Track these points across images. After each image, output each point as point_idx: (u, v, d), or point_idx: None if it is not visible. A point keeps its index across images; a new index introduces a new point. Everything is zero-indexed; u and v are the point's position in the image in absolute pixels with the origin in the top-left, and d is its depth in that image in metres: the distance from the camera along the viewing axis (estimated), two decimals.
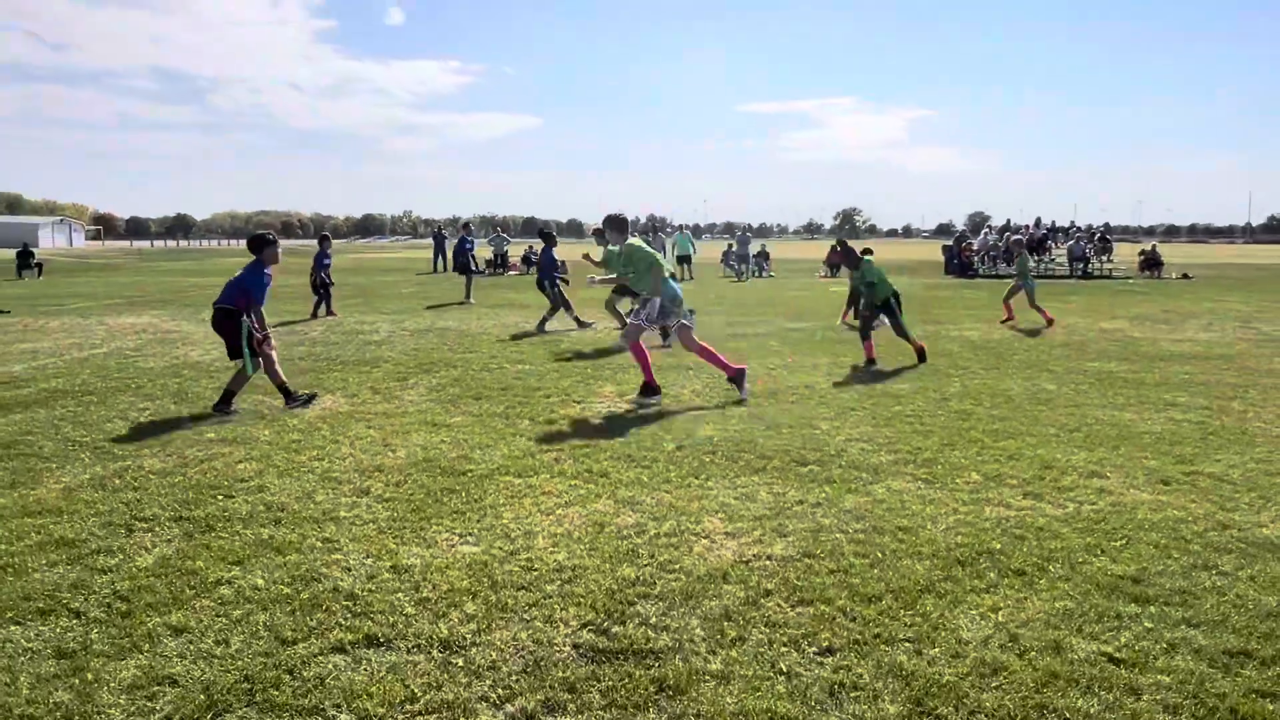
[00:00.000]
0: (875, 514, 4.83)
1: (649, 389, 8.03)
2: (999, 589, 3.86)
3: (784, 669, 3.18)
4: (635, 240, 8.27)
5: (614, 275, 9.43)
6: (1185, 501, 5.06)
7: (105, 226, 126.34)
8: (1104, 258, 33.18)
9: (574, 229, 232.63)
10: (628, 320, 9.30)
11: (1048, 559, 4.19)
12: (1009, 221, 35.82)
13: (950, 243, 35.84)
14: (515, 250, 38.35)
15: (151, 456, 6.01)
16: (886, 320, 10.57)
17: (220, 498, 5.11)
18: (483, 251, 36.37)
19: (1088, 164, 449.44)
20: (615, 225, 8.62)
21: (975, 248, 33.37)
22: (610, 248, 10.87)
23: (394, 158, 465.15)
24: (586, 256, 12.79)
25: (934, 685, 3.05)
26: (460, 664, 3.22)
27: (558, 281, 14.08)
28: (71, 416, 7.25)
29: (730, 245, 34.44)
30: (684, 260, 29.54)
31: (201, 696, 2.97)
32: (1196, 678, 3.10)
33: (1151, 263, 32.31)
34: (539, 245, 16.78)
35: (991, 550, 4.29)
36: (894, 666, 3.18)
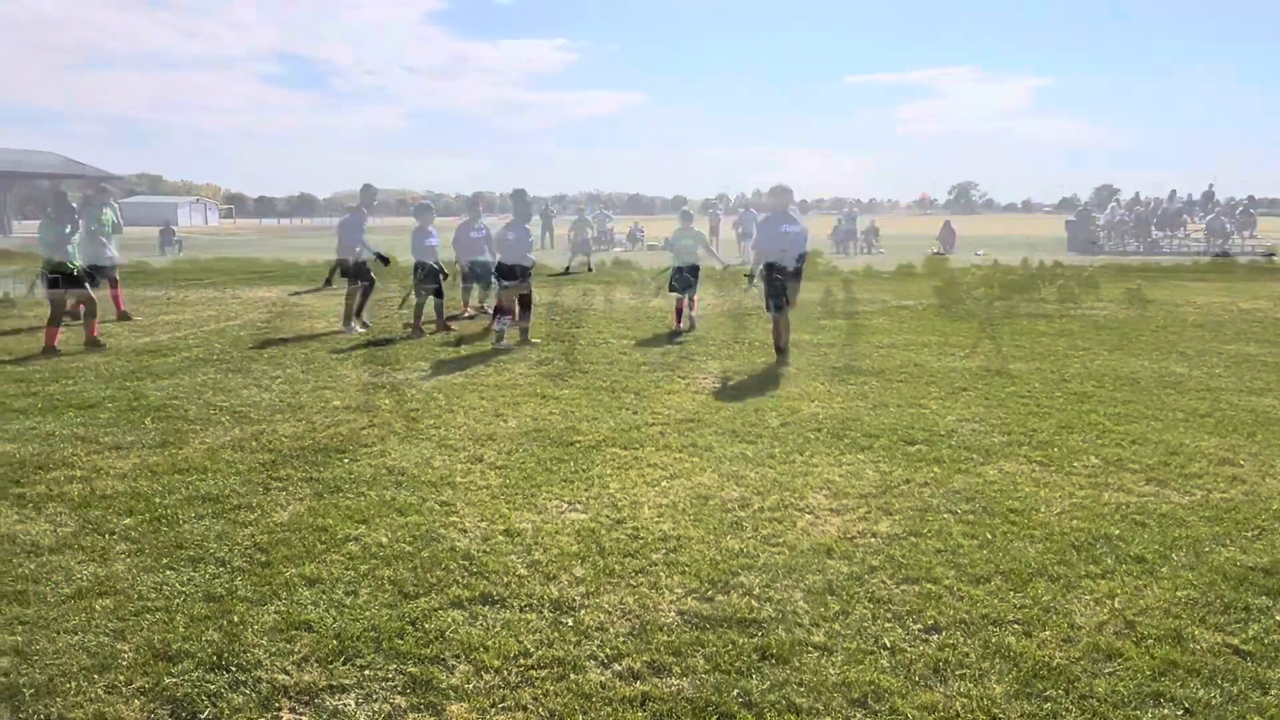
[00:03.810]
0: (985, 495, 4.73)
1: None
2: (1116, 575, 3.74)
3: (888, 644, 3.18)
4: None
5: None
6: None
7: (236, 205, 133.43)
8: (1246, 233, 30.92)
9: (681, 205, 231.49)
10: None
11: (1171, 547, 4.03)
12: (1137, 195, 33.77)
13: (1074, 217, 34.05)
14: (621, 227, 38.78)
15: (284, 421, 6.42)
16: None
17: (346, 461, 5.42)
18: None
19: (1226, 131, 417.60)
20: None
21: (1101, 223, 31.64)
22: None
23: (503, 136, 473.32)
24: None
25: (1043, 668, 3.01)
26: (570, 624, 3.36)
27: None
28: (212, 383, 7.79)
29: (839, 221, 33.71)
30: None
31: (334, 642, 3.21)
32: None
33: None
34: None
35: (1109, 536, 4.15)
36: (1002, 647, 3.15)
